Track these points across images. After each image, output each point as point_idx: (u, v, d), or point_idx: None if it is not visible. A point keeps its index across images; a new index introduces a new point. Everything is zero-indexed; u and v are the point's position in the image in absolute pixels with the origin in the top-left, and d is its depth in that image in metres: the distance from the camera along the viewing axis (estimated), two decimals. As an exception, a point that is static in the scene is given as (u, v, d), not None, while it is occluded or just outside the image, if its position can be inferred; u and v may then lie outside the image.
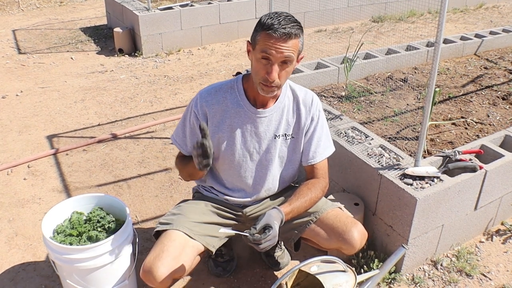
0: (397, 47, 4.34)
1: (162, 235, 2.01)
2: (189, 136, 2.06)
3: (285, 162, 2.13)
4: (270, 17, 1.78)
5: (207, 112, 2.00)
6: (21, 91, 4.92)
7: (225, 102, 1.99)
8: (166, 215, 2.14)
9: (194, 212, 2.12)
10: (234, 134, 2.01)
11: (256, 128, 2.01)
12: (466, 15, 8.08)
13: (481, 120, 3.23)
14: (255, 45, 1.83)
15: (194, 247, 2.01)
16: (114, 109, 4.51)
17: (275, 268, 2.56)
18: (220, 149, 2.03)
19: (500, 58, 4.52)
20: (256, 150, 2.05)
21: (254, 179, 2.11)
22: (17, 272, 2.56)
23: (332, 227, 2.08)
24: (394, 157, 2.53)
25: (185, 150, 2.11)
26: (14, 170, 3.51)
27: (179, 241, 1.96)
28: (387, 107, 3.40)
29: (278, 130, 2.04)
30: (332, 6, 7.18)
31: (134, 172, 3.49)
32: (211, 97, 2.00)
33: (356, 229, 2.04)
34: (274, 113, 2.02)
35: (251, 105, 1.99)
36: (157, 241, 1.99)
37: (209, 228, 2.10)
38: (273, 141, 2.05)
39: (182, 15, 6.05)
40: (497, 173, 2.54)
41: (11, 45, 6.43)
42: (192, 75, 5.39)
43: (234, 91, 2.00)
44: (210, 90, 2.02)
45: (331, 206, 2.17)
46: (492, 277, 2.52)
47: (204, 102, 1.99)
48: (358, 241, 2.03)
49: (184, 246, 1.96)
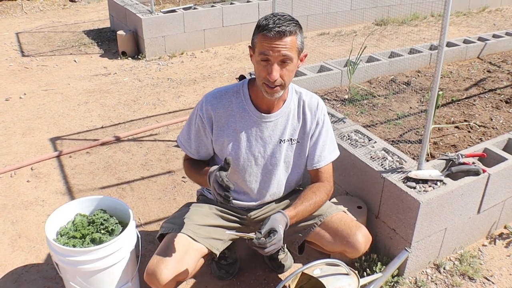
0: (400, 50, 4.34)
1: (166, 237, 2.01)
2: (194, 138, 2.07)
3: (291, 167, 2.13)
4: (265, 19, 1.80)
5: (212, 116, 1.99)
6: (24, 93, 4.93)
7: (230, 106, 1.99)
8: (169, 218, 2.14)
9: (198, 214, 2.12)
10: (239, 138, 2.00)
11: (261, 132, 2.01)
12: (469, 18, 8.08)
13: (484, 124, 3.23)
14: (254, 49, 1.84)
15: (198, 250, 2.01)
16: (118, 111, 4.52)
17: (278, 271, 2.56)
18: (225, 153, 2.03)
19: (503, 61, 4.52)
20: (261, 154, 2.04)
21: (259, 183, 2.11)
22: (20, 274, 2.57)
23: (337, 230, 2.08)
24: (397, 160, 2.53)
25: (189, 152, 2.11)
26: (18, 172, 3.52)
27: (182, 244, 1.96)
28: (390, 110, 3.40)
29: (283, 135, 2.04)
30: (335, 9, 7.19)
31: (137, 174, 3.49)
32: (216, 101, 1.99)
33: (360, 232, 2.04)
34: (280, 118, 2.02)
35: (256, 109, 1.99)
36: (160, 244, 2.00)
37: (213, 230, 2.10)
38: (278, 145, 2.05)
39: (185, 18, 6.06)
40: (500, 177, 2.54)
41: (14, 48, 6.45)
42: (195, 78, 5.40)
43: (239, 96, 2.00)
44: (216, 93, 2.02)
45: (335, 209, 2.17)
46: (495, 280, 2.51)
47: (209, 106, 1.99)
48: (362, 244, 2.03)
49: (187, 248, 1.96)
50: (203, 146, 2.07)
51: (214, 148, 2.07)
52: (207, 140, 2.05)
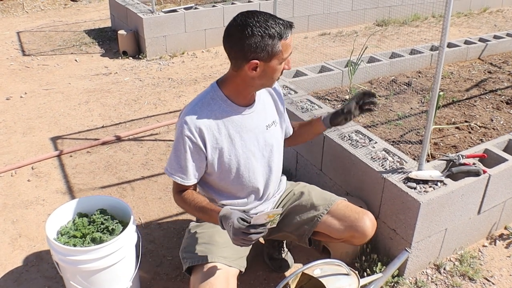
0: (401, 50, 4.34)
1: (200, 270, 1.88)
2: (189, 163, 1.92)
3: (282, 149, 2.17)
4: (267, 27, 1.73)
5: (202, 131, 1.87)
6: (25, 92, 4.94)
7: (213, 113, 1.90)
8: (188, 246, 2.01)
9: (218, 235, 1.99)
10: (234, 140, 1.95)
11: (249, 125, 1.97)
12: (470, 19, 8.07)
13: (485, 124, 3.23)
14: (273, 57, 1.77)
15: (234, 276, 1.92)
16: (118, 111, 4.53)
17: (278, 271, 2.56)
18: (224, 161, 1.95)
19: (504, 62, 4.52)
20: (256, 147, 2.02)
21: (264, 177, 2.09)
22: (21, 273, 2.57)
23: (344, 216, 2.10)
24: (398, 161, 2.53)
25: (187, 179, 1.94)
26: (18, 171, 3.52)
27: (222, 275, 1.86)
28: (391, 111, 3.41)
29: (266, 120, 2.04)
30: (336, 9, 7.18)
31: (137, 174, 3.49)
32: (198, 115, 1.88)
33: (368, 217, 2.08)
34: (258, 104, 2.01)
35: (238, 106, 1.94)
36: (198, 280, 1.86)
37: (237, 248, 1.92)
38: (266, 132, 2.04)
39: (186, 18, 6.07)
40: (501, 177, 2.54)
41: (15, 47, 6.46)
42: (196, 78, 5.40)
43: (216, 101, 1.91)
44: (193, 109, 1.90)
45: (337, 198, 2.20)
46: (495, 281, 2.52)
47: (194, 123, 1.87)
48: (370, 229, 2.07)
49: (227, 278, 1.87)
50: (200, 167, 1.95)
51: (208, 165, 1.96)
52: (202, 161, 1.94)
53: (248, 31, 1.72)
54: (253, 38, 1.72)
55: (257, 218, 1.66)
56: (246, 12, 1.80)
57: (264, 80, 1.85)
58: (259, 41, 1.72)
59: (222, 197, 2.07)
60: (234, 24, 1.78)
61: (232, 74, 1.87)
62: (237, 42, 1.76)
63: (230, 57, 1.82)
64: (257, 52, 1.74)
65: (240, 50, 1.76)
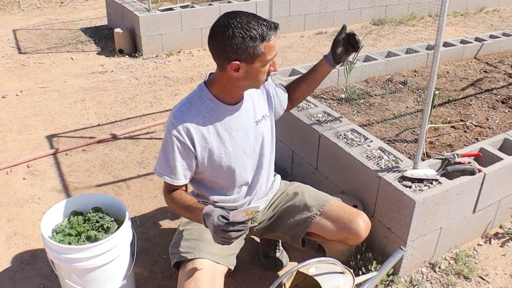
0: (397, 50, 4.35)
1: (188, 266, 1.89)
2: (178, 163, 1.91)
3: (274, 143, 2.17)
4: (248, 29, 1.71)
5: (190, 131, 1.87)
6: (21, 90, 4.92)
7: (201, 113, 1.90)
8: (177, 242, 2.02)
9: (207, 232, 1.95)
10: (223, 139, 1.95)
11: (238, 123, 1.97)
12: (466, 18, 8.09)
13: (480, 123, 3.24)
14: (255, 59, 1.76)
15: (222, 273, 1.93)
16: (114, 109, 4.52)
17: (274, 269, 2.56)
18: (214, 159, 1.95)
19: (500, 61, 4.53)
20: (247, 143, 2.02)
21: (254, 173, 2.09)
22: (16, 271, 2.57)
23: (338, 217, 2.09)
24: (393, 160, 2.54)
25: (175, 179, 1.94)
26: (14, 169, 3.51)
27: (209, 271, 1.86)
28: (386, 110, 3.41)
29: (256, 115, 2.03)
30: (333, 8, 7.18)
31: (133, 172, 3.49)
32: (186, 115, 1.88)
33: (361, 218, 2.07)
34: (246, 102, 2.00)
35: (226, 105, 1.93)
36: (185, 275, 1.87)
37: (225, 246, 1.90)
38: (256, 128, 2.03)
39: (183, 16, 6.06)
40: (496, 176, 2.55)
41: (11, 45, 6.44)
42: (192, 76, 5.39)
43: (204, 100, 1.91)
44: (181, 109, 1.90)
45: (331, 198, 2.20)
46: (490, 280, 2.52)
47: (182, 123, 1.87)
48: (364, 230, 2.05)
49: (213, 274, 1.87)
50: (189, 167, 1.95)
51: (199, 164, 1.95)
52: (191, 161, 1.94)
53: (229, 32, 1.71)
54: (234, 39, 1.71)
55: (235, 215, 1.65)
56: (230, 12, 1.78)
57: (249, 81, 1.84)
58: (240, 43, 1.71)
59: (214, 193, 2.07)
60: (217, 24, 1.77)
61: (218, 74, 1.87)
62: (219, 42, 1.75)
63: (214, 56, 1.81)
64: (238, 54, 1.73)
65: (222, 50, 1.75)
